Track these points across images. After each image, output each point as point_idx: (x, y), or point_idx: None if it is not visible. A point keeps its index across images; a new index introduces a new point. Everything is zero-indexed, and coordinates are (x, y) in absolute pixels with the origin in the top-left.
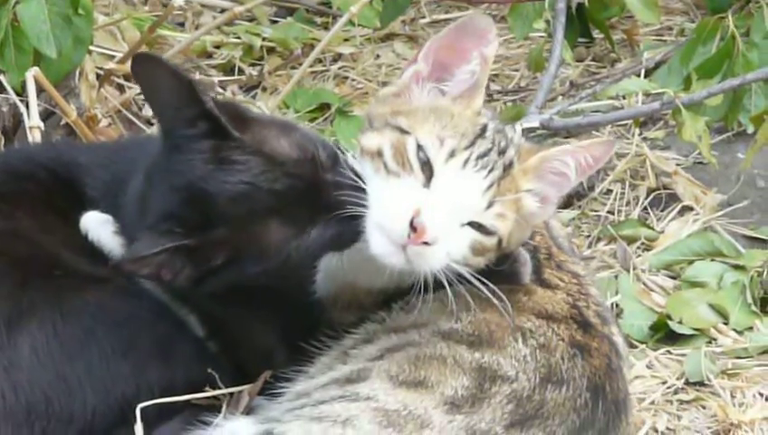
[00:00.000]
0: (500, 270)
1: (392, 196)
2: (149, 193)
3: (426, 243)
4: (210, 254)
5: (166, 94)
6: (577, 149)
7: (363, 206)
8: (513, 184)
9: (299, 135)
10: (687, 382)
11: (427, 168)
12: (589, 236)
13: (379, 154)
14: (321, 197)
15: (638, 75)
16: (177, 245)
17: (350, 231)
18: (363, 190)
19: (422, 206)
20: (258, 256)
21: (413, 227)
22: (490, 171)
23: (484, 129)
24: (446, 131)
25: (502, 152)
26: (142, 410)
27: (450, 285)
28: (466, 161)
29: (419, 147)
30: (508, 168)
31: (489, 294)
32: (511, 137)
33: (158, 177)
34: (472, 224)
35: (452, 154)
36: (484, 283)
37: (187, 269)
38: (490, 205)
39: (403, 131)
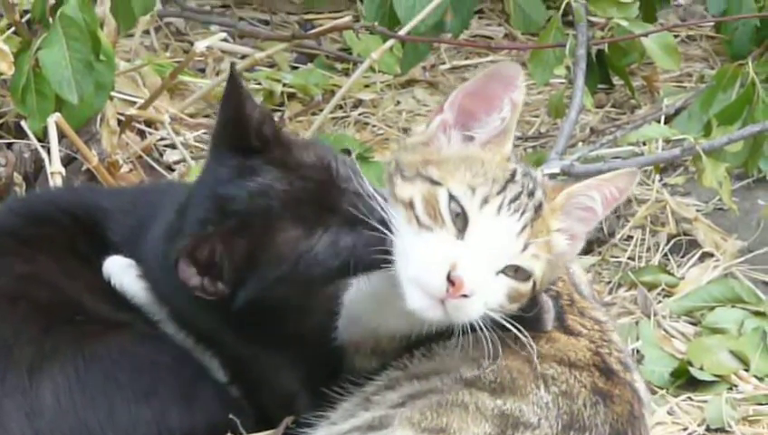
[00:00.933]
0: (524, 316)
1: (427, 249)
2: (186, 210)
3: (464, 295)
4: (236, 245)
5: (228, 113)
6: (602, 182)
7: (384, 225)
8: (543, 224)
9: (322, 148)
10: (708, 429)
11: (461, 218)
12: (609, 282)
13: (411, 205)
14: (333, 200)
15: (659, 121)
16: (214, 232)
17: (363, 245)
18: (384, 213)
19: (458, 259)
20: (272, 256)
21: (451, 281)
22: (522, 214)
23: (513, 174)
24: (476, 179)
25: (531, 194)
26: None
27: (483, 330)
28: (500, 207)
29: (451, 197)
30: (538, 208)
31: (522, 339)
32: (536, 177)
33: (194, 192)
34: (507, 269)
35: (485, 201)
36: (518, 329)
37: (224, 269)
38: (525, 247)
39: (434, 182)
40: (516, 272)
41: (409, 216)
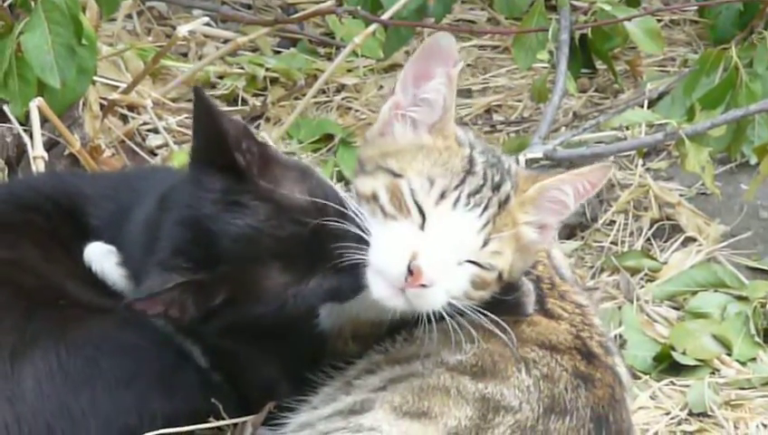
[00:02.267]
0: (504, 301)
1: (389, 239)
2: (163, 220)
3: (423, 285)
4: (213, 292)
5: (205, 133)
6: (574, 176)
7: (365, 256)
8: (509, 218)
9: (312, 183)
10: (691, 413)
11: (421, 210)
12: (592, 267)
13: (375, 198)
14: (323, 247)
15: (642, 106)
16: (186, 280)
17: (349, 284)
18: (366, 242)
19: (418, 249)
20: (256, 299)
21: (410, 271)
22: (484, 209)
23: (471, 162)
24: (435, 169)
25: (496, 188)
26: None
27: (452, 317)
28: (457, 201)
29: (411, 190)
30: (504, 203)
31: (492, 326)
32: (507, 168)
33: (173, 207)
34: (470, 262)
35: (442, 195)
36: (486, 315)
37: (191, 308)
38: (486, 243)
39: (395, 174)
40: (478, 265)
41: (373, 208)
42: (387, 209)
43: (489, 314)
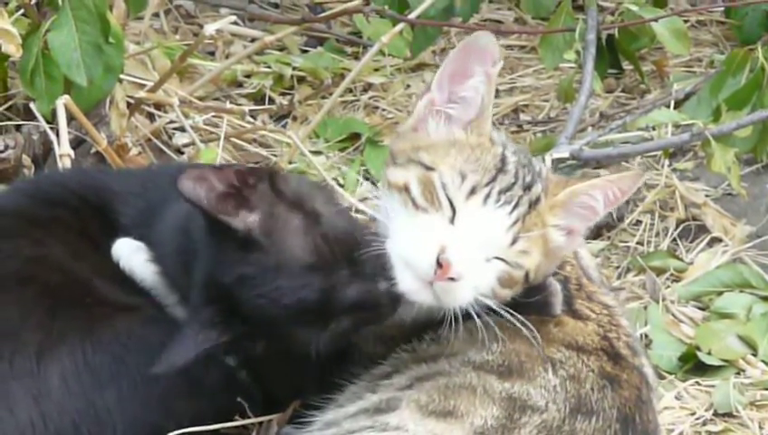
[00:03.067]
0: (532, 301)
1: (419, 231)
2: (190, 265)
3: (452, 279)
4: (247, 343)
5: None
6: (606, 183)
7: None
8: (539, 219)
9: (317, 232)
10: (716, 414)
11: (452, 204)
12: (618, 267)
13: (407, 189)
14: (335, 302)
15: (668, 106)
16: (218, 343)
17: (369, 309)
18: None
19: (447, 242)
20: (284, 345)
21: (439, 264)
22: (515, 207)
23: (503, 160)
24: (467, 165)
25: (527, 188)
26: None
27: (479, 316)
28: (487, 197)
29: (443, 184)
30: (534, 204)
31: (519, 325)
32: (539, 170)
33: (201, 255)
34: (497, 259)
35: (473, 191)
36: (512, 314)
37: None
38: (514, 241)
39: (427, 168)
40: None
41: (405, 199)
42: (418, 201)
43: (516, 313)
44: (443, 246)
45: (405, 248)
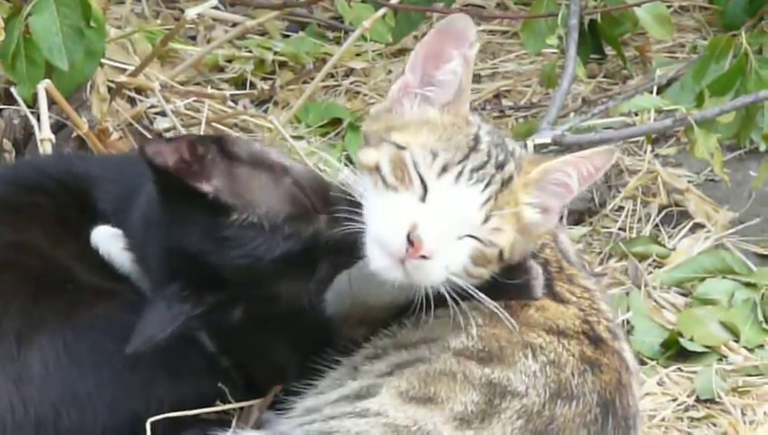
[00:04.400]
0: (512, 284)
1: (389, 210)
2: (150, 246)
3: (423, 256)
4: (224, 312)
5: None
6: (579, 159)
7: (360, 223)
8: (512, 197)
9: (288, 182)
10: (698, 400)
11: (423, 182)
12: (600, 252)
13: (377, 169)
14: (319, 248)
15: (651, 92)
16: (191, 316)
17: (347, 252)
18: (359, 206)
19: (419, 220)
20: (271, 305)
21: (410, 241)
22: (487, 185)
23: (476, 139)
24: (439, 144)
25: (500, 166)
26: (152, 424)
27: (455, 300)
28: (459, 175)
29: (414, 162)
30: (507, 182)
31: (493, 308)
32: (512, 149)
33: (158, 234)
34: (470, 237)
35: (444, 169)
36: (485, 298)
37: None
38: (487, 219)
39: (399, 147)
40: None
41: (375, 179)
42: (388, 180)
43: (491, 298)
44: (414, 223)
45: (376, 226)
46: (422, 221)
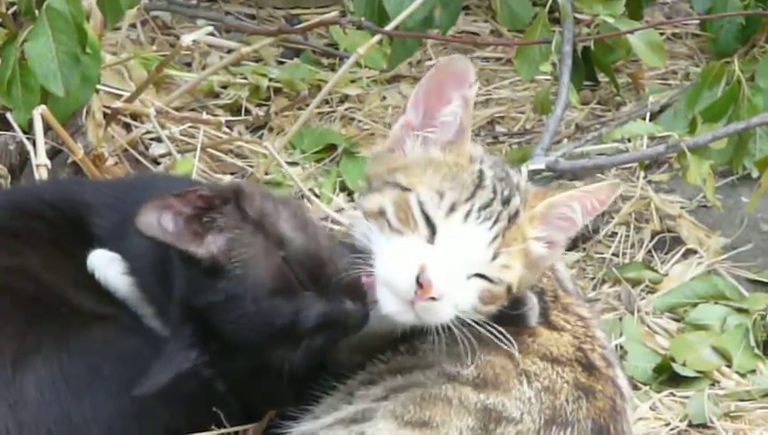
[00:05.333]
0: (507, 313)
1: (397, 253)
2: (164, 283)
3: (432, 298)
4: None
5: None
6: (583, 194)
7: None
8: (519, 233)
9: (279, 256)
10: (691, 425)
11: (430, 223)
12: (593, 278)
13: (382, 213)
14: (299, 325)
15: (644, 118)
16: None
17: (336, 329)
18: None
19: (427, 262)
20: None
21: (419, 284)
22: (495, 223)
23: (481, 177)
24: (445, 183)
25: (506, 202)
26: None
27: (457, 329)
28: (468, 214)
29: (420, 202)
30: (514, 217)
31: (497, 339)
32: (516, 183)
33: (170, 274)
34: (478, 275)
35: (452, 208)
36: (492, 327)
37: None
38: (495, 256)
39: (404, 188)
40: (487, 278)
41: (381, 223)
42: (393, 224)
43: (494, 325)
44: (422, 265)
45: (384, 270)
46: (431, 263)
